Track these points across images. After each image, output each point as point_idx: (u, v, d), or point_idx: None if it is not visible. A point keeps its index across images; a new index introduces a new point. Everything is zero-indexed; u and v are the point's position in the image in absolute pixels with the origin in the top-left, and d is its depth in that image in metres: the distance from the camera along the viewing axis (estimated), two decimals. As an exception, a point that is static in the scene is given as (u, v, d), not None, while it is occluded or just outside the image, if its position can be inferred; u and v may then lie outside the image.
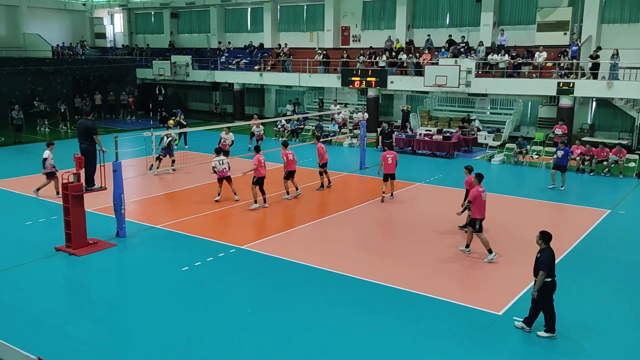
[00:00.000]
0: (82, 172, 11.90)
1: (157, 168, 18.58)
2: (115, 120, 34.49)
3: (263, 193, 14.99)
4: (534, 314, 8.38)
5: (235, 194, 15.68)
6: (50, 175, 15.83)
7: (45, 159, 15.73)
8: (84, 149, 11.75)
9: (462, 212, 11.86)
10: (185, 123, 25.07)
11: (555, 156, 17.66)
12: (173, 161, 19.23)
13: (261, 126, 23.67)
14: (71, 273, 10.95)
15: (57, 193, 15.67)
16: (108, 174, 12.31)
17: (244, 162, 20.68)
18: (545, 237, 8.30)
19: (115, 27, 44.37)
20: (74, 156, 11.74)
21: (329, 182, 17.50)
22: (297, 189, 16.40)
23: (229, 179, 15.50)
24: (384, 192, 15.87)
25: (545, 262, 8.12)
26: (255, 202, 14.91)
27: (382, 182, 15.83)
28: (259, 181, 14.79)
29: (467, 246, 11.86)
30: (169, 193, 16.90)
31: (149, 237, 12.81)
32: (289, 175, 15.98)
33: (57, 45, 39.13)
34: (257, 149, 15.26)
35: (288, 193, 16.12)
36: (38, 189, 15.97)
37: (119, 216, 12.54)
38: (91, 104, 33.66)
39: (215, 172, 15.48)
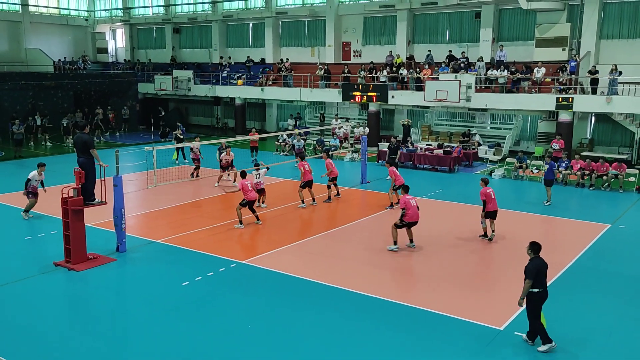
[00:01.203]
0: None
1: (235, 181, 19.29)
2: (116, 134, 34.54)
3: (253, 212, 14.85)
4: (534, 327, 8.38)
5: (263, 202, 16.66)
6: (30, 195, 15.44)
7: (28, 180, 15.34)
8: (82, 162, 11.77)
9: (400, 224, 12.76)
10: (182, 137, 25.18)
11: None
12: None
13: (302, 140, 24.17)
14: (70, 288, 10.90)
15: (26, 212, 15.40)
16: (108, 188, 12.32)
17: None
18: (534, 247, 8.37)
19: (117, 42, 44.74)
20: (74, 170, 11.75)
21: (338, 192, 18.07)
22: (313, 199, 17.01)
23: (262, 191, 16.42)
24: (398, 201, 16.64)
25: (530, 271, 8.16)
26: (240, 222, 14.59)
27: (395, 192, 16.59)
28: (247, 203, 14.57)
29: (395, 243, 12.72)
30: (170, 207, 16.89)
31: (149, 252, 12.77)
32: (306, 185, 16.66)
33: (59, 60, 39.44)
34: (243, 174, 15.00)
35: (303, 202, 16.66)
36: (26, 211, 15.48)
37: (119, 231, 12.51)
38: (96, 118, 33.71)
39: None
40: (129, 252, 12.56)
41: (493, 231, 13.69)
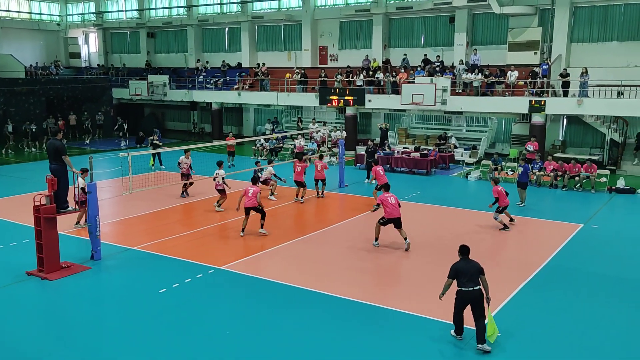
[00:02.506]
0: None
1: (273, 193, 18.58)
2: (91, 140, 34.02)
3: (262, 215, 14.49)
4: (478, 327, 8.42)
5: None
6: (81, 204, 14.13)
7: (82, 188, 13.98)
8: (54, 169, 11.55)
9: (374, 210, 14.00)
10: (160, 143, 24.92)
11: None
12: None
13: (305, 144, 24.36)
14: (43, 298, 10.67)
15: (77, 223, 14.76)
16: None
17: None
18: (461, 249, 8.81)
19: (90, 46, 44.12)
20: (47, 177, 11.53)
21: (322, 193, 18.60)
22: (302, 196, 18.10)
23: (222, 191, 16.85)
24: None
25: (450, 270, 8.65)
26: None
27: (376, 191, 16.69)
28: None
29: (377, 239, 13.38)
30: (146, 214, 16.69)
31: (125, 260, 12.59)
32: (298, 184, 17.86)
33: (31, 65, 38.70)
34: (255, 180, 14.77)
35: (296, 197, 17.91)
36: (78, 222, 14.83)
37: (94, 238, 12.31)
38: (86, 123, 33.10)
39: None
40: (104, 260, 12.36)
41: (512, 219, 15.35)
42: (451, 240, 13.84)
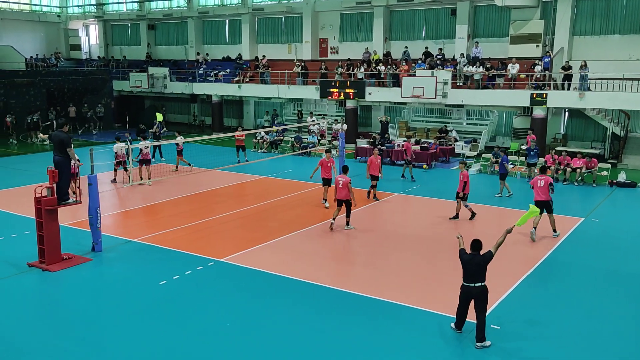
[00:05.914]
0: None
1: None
2: (91, 132, 34.02)
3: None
4: (478, 324, 8.42)
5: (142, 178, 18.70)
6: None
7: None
8: (57, 161, 11.54)
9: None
10: (158, 135, 24.71)
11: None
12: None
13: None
14: (44, 290, 10.70)
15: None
16: (83, 187, 12.10)
17: (223, 174, 20.66)
18: (472, 244, 8.61)
19: (90, 38, 43.97)
20: (48, 169, 11.53)
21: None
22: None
23: (148, 162, 18.74)
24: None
25: (460, 254, 8.62)
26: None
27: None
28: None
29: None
30: (146, 206, 16.70)
31: (126, 251, 12.61)
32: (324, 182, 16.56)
33: (31, 57, 38.63)
34: (345, 169, 14.45)
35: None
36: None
37: (95, 230, 12.32)
38: (89, 113, 33.03)
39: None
40: (105, 252, 12.38)
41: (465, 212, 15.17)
42: (450, 234, 13.85)
